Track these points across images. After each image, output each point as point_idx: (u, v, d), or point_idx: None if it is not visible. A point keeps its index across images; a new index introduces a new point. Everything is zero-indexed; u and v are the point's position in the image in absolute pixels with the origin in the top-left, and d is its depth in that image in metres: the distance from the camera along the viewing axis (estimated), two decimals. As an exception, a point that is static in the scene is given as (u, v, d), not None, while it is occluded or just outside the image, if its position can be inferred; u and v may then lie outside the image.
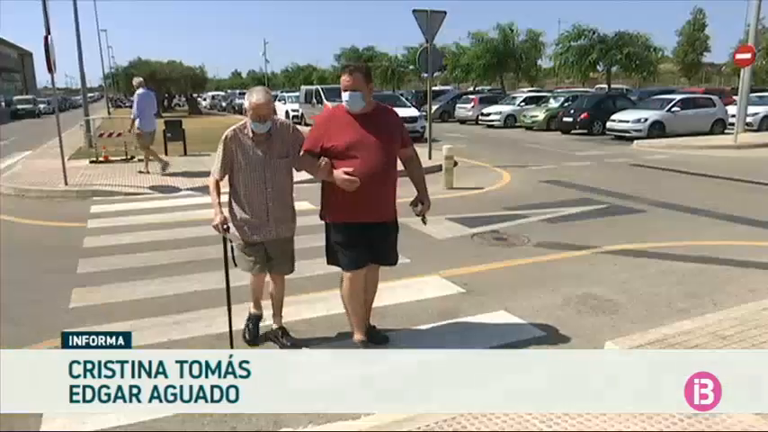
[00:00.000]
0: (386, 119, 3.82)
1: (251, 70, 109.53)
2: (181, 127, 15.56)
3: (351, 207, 3.68)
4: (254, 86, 3.98)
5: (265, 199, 3.85)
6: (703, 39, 55.90)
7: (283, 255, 4.07)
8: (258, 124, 3.73)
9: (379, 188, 3.69)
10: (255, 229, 3.90)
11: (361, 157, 3.61)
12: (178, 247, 6.82)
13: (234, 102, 48.53)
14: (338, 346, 4.11)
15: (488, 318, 4.61)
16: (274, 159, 3.82)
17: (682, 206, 8.85)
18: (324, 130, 3.74)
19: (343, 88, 3.63)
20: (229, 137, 3.82)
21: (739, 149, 16.74)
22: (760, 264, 5.96)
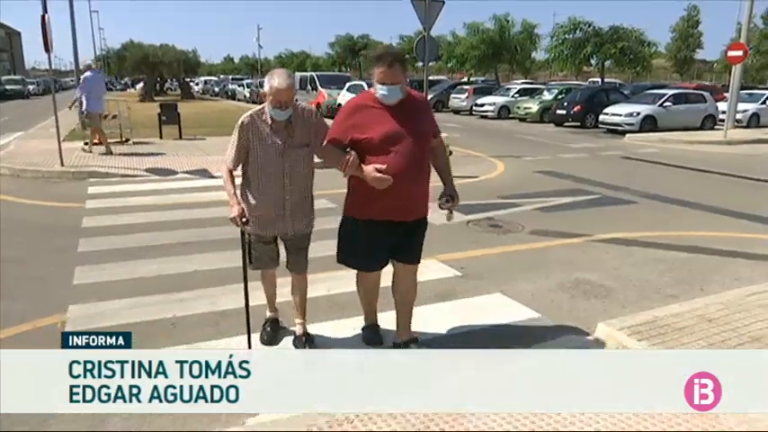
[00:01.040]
0: (418, 108, 3.50)
1: (244, 56, 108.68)
2: (176, 110, 15.53)
3: (382, 204, 3.38)
4: (275, 69, 3.60)
5: (282, 191, 3.53)
6: (696, 35, 56.14)
7: (300, 252, 3.79)
8: (278, 111, 3.40)
9: (413, 185, 3.41)
10: (271, 223, 3.61)
11: (396, 151, 3.30)
12: (176, 228, 6.90)
13: (227, 87, 48.31)
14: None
15: (485, 300, 4.76)
16: (294, 148, 3.50)
17: (672, 198, 9.04)
18: (353, 120, 3.39)
19: (380, 81, 3.30)
20: (245, 123, 3.48)
21: (729, 145, 16.99)
22: (746, 254, 6.14)
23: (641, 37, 36.34)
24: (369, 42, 61.80)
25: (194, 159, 11.92)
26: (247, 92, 40.63)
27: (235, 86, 46.07)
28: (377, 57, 3.35)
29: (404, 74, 3.35)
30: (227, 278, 5.12)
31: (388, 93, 3.32)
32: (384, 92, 3.32)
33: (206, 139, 15.66)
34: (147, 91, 38.53)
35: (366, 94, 3.49)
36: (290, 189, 3.54)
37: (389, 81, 3.29)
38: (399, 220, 3.48)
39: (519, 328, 4.25)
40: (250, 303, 3.66)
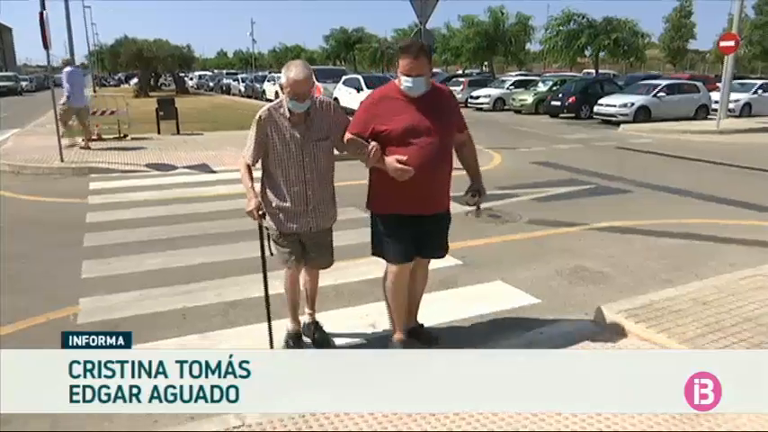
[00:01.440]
0: (442, 100, 3.44)
1: (237, 50, 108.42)
2: (173, 105, 15.56)
3: (403, 198, 3.34)
4: (292, 60, 3.52)
5: (304, 185, 3.44)
6: (689, 26, 56.28)
7: (322, 247, 3.68)
8: (296, 103, 3.31)
9: (435, 178, 3.36)
10: (293, 219, 3.51)
11: (418, 143, 3.25)
12: (179, 222, 6.99)
13: (222, 82, 48.17)
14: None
15: (486, 287, 4.89)
16: (314, 141, 3.42)
17: (666, 187, 9.18)
18: (375, 111, 3.35)
19: (405, 72, 3.24)
20: (263, 117, 3.42)
21: (722, 135, 17.14)
22: (740, 240, 6.29)
23: (635, 28, 36.51)
24: (363, 36, 61.80)
25: (193, 154, 11.98)
26: (242, 86, 40.55)
27: (230, 81, 45.95)
28: (402, 48, 3.32)
29: (429, 66, 3.31)
30: (233, 270, 5.25)
31: (413, 85, 3.26)
32: (409, 84, 3.26)
33: (203, 135, 15.72)
34: (142, 86, 38.41)
35: (390, 86, 3.45)
36: (311, 184, 3.46)
37: (415, 73, 3.23)
38: (418, 213, 3.41)
39: (520, 313, 4.38)
40: (260, 295, 3.71)
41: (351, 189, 4.78)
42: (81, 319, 4.28)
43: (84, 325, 4.17)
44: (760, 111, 22.66)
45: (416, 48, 3.27)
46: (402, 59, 3.25)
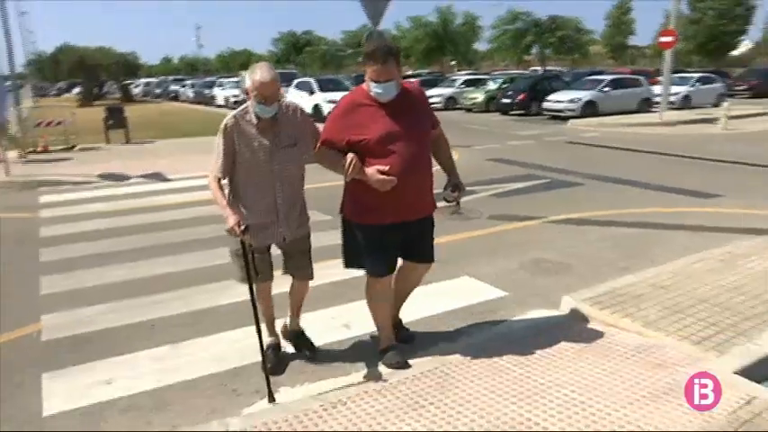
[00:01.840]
0: (414, 101, 3.33)
1: (183, 56, 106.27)
2: (122, 114, 15.19)
3: (387, 206, 3.22)
4: (257, 63, 3.33)
5: (274, 195, 3.29)
6: (629, 22, 58.26)
7: (303, 255, 3.54)
8: (264, 107, 3.15)
9: (418, 182, 3.26)
10: (263, 232, 3.34)
11: (397, 150, 3.13)
12: (139, 232, 6.85)
13: (169, 89, 47.13)
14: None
15: (454, 282, 4.99)
16: (283, 148, 3.26)
17: (616, 178, 9.53)
18: (347, 121, 3.20)
19: (374, 78, 3.11)
20: (229, 125, 3.20)
21: (665, 126, 17.88)
22: (687, 226, 6.61)
23: (578, 25, 37.63)
24: (312, 38, 61.54)
25: (146, 163, 11.74)
26: (191, 93, 39.81)
27: (177, 88, 45.02)
28: (368, 53, 3.15)
29: (398, 68, 3.18)
30: (198, 278, 5.21)
31: (384, 91, 3.14)
32: (379, 90, 3.14)
33: (155, 143, 15.42)
34: (86, 95, 37.26)
35: (359, 91, 3.30)
36: (281, 192, 3.30)
37: (384, 78, 3.10)
38: (406, 220, 3.31)
39: (489, 306, 4.49)
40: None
41: (309, 192, 4.79)
42: (45, 336, 4.16)
43: (50, 342, 4.07)
44: (698, 102, 23.78)
45: (383, 52, 3.12)
46: (369, 65, 3.12)
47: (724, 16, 45.45)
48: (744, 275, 4.61)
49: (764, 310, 3.95)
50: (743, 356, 3.36)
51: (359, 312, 4.21)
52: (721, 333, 3.64)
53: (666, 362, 3.37)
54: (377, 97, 3.18)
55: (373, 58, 3.11)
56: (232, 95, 30.70)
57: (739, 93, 31.54)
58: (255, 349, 3.79)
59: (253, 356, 3.72)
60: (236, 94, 30.29)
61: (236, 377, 3.56)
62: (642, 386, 3.12)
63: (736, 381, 3.11)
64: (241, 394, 3.38)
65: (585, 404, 2.97)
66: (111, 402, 3.30)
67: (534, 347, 3.61)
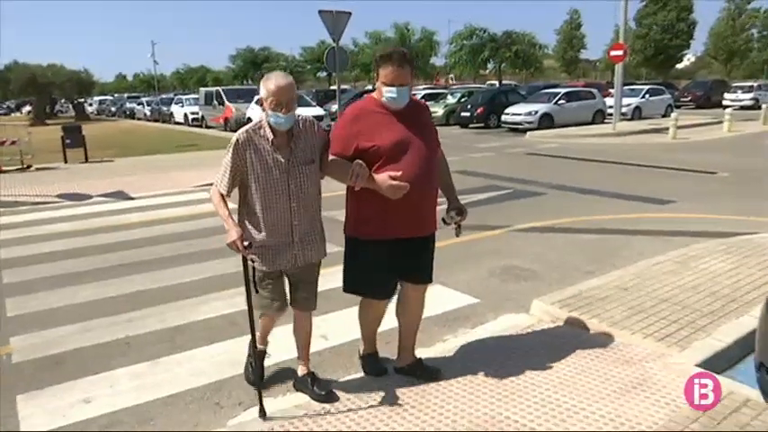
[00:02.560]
0: (422, 114, 3.26)
1: (138, 73, 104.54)
2: (80, 132, 14.89)
3: (398, 219, 3.07)
4: (271, 72, 3.11)
5: (290, 216, 3.06)
6: (580, 37, 60.34)
7: (310, 285, 3.29)
8: (280, 117, 2.92)
9: (425, 196, 3.13)
10: (277, 255, 3.11)
11: (406, 160, 3.01)
12: (104, 252, 6.74)
13: (125, 106, 46.29)
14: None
15: (428, 291, 5.08)
16: (299, 166, 3.04)
17: (575, 187, 9.87)
18: (356, 128, 3.05)
19: (389, 82, 2.98)
20: (242, 141, 2.99)
21: (618, 136, 18.58)
22: (644, 231, 6.92)
23: (533, 40, 38.70)
24: (270, 55, 61.40)
25: (107, 182, 11.53)
26: (148, 110, 39.19)
27: (133, 105, 44.25)
28: (384, 56, 3.02)
29: (412, 75, 3.09)
30: (171, 295, 5.19)
31: (398, 96, 3.01)
32: (393, 94, 3.00)
33: (114, 161, 15.16)
34: (38, 114, 36.23)
35: (368, 99, 3.18)
36: (297, 213, 3.07)
37: (398, 82, 2.98)
38: (412, 235, 3.18)
39: (462, 312, 4.62)
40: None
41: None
42: (16, 358, 4.08)
43: (22, 364, 3.99)
44: (649, 113, 24.79)
45: (399, 55, 3.00)
46: (384, 68, 2.99)
47: (668, 31, 47.51)
48: (699, 275, 4.87)
49: (720, 307, 4.20)
50: (703, 350, 3.58)
51: (335, 323, 4.30)
52: (682, 330, 3.86)
53: (633, 358, 3.55)
54: (389, 103, 3.05)
55: (390, 61, 2.98)
56: (191, 112, 30.40)
57: (685, 104, 33.08)
58: (233, 363, 3.86)
59: (232, 370, 3.76)
60: (195, 110, 30.02)
61: (217, 391, 3.57)
62: (612, 382, 3.29)
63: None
64: (224, 407, 3.39)
65: (560, 401, 3.11)
66: (91, 420, 3.27)
67: (508, 350, 3.76)
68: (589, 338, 3.86)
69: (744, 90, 32.48)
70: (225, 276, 5.46)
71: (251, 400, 3.42)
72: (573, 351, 3.70)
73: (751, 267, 5.05)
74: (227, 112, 24.96)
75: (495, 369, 3.50)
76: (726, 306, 4.22)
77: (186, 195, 10.03)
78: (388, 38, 43.76)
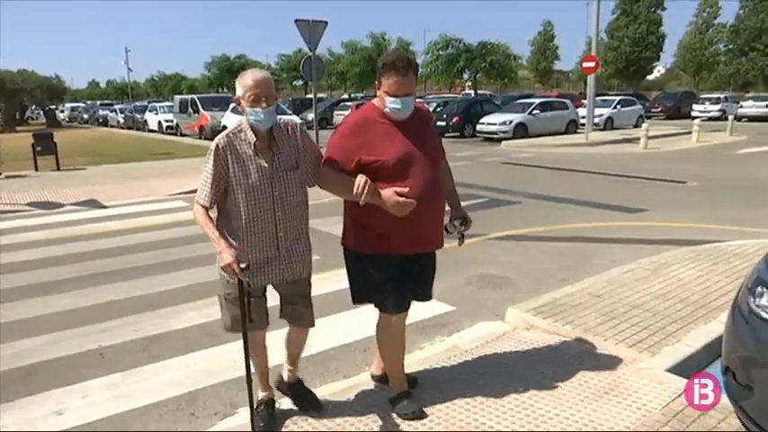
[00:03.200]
0: (425, 122, 3.08)
1: (111, 80, 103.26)
2: (52, 139, 14.64)
3: (399, 235, 2.90)
4: (248, 70, 2.87)
5: (274, 227, 2.83)
6: (553, 48, 61.39)
7: (303, 300, 3.06)
8: (260, 112, 2.71)
9: (432, 211, 2.97)
10: (262, 269, 2.86)
11: (412, 175, 2.83)
12: (78, 260, 6.65)
13: (97, 114, 45.63)
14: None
15: (404, 299, 5.13)
16: (283, 172, 2.82)
17: (549, 196, 10.03)
18: (358, 140, 2.86)
19: (393, 92, 2.80)
20: (222, 145, 2.75)
21: (591, 146, 18.92)
22: (616, 239, 7.06)
23: (507, 51, 39.25)
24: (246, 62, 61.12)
25: (79, 190, 11.37)
26: (121, 118, 38.71)
27: (106, 112, 43.66)
28: (387, 63, 2.82)
29: (415, 83, 2.90)
30: (146, 305, 5.14)
31: (402, 107, 2.84)
32: (397, 105, 2.83)
33: (87, 169, 14.95)
34: (8, 121, 35.50)
35: (369, 108, 2.99)
36: (283, 223, 2.84)
37: (403, 92, 2.81)
38: (419, 252, 3.02)
39: (439, 320, 4.66)
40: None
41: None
42: (-11, 369, 4.00)
43: (-7, 375, 3.92)
44: (620, 124, 25.31)
45: (404, 62, 2.81)
46: (388, 77, 2.80)
47: (638, 44, 48.65)
48: (669, 282, 5.00)
49: (689, 313, 4.32)
50: (673, 356, 3.67)
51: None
52: (653, 336, 3.96)
53: (606, 364, 3.62)
54: (393, 114, 2.87)
55: (394, 69, 2.80)
56: (165, 120, 30.12)
57: (655, 114, 33.86)
58: (209, 373, 3.85)
59: (207, 380, 3.76)
60: (169, 118, 29.74)
61: (193, 401, 3.55)
62: (585, 387, 3.35)
63: (669, 377, 3.41)
64: (199, 417, 3.38)
65: (534, 407, 3.17)
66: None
67: (483, 357, 3.81)
68: (563, 345, 3.93)
69: (711, 102, 33.41)
70: (200, 285, 5.43)
71: (227, 410, 3.42)
72: (547, 358, 3.77)
73: (719, 274, 5.20)
74: (202, 120, 24.79)
75: (471, 376, 3.55)
76: (695, 312, 4.34)
77: (160, 204, 9.95)
78: (365, 47, 43.98)
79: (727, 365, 2.79)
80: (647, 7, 48.43)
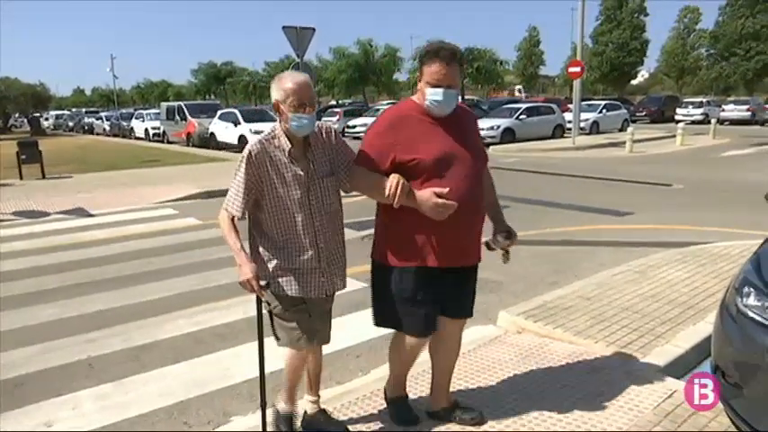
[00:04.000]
0: (468, 121, 2.83)
1: (96, 87, 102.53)
2: (37, 147, 14.50)
3: (434, 246, 2.66)
4: (281, 73, 2.71)
5: (314, 236, 2.66)
6: (539, 53, 61.81)
7: (325, 315, 2.87)
8: (302, 118, 2.54)
9: (475, 220, 2.76)
10: (302, 282, 2.67)
11: (452, 176, 2.59)
12: (64, 270, 6.58)
13: (83, 121, 45.29)
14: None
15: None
16: (318, 179, 2.66)
17: (537, 200, 10.10)
18: (393, 138, 2.63)
19: (435, 82, 2.56)
20: (255, 153, 2.57)
21: (577, 150, 19.07)
22: (605, 242, 7.12)
23: (494, 56, 39.52)
24: (233, 69, 61.07)
25: (65, 199, 11.25)
26: (107, 125, 38.48)
27: (92, 120, 43.36)
28: (431, 50, 2.58)
29: (461, 76, 2.69)
30: (134, 314, 5.11)
31: (444, 99, 2.58)
32: (438, 98, 2.58)
33: (73, 177, 14.80)
34: (-9, 129, 35.15)
35: (407, 104, 2.76)
36: (322, 233, 2.68)
37: (446, 83, 2.56)
38: (455, 264, 2.76)
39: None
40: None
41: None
42: (-25, 382, 3.94)
43: (-21, 387, 3.86)
44: (606, 128, 25.57)
45: (448, 51, 2.56)
46: (430, 65, 2.57)
47: (622, 49, 49.23)
48: (658, 284, 5.05)
49: (678, 314, 4.36)
50: (663, 357, 3.71)
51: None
52: (643, 337, 3.99)
53: (597, 366, 3.65)
54: (433, 108, 2.63)
55: (438, 57, 2.55)
56: (152, 127, 29.98)
57: (640, 118, 34.26)
58: (200, 382, 3.83)
59: (199, 389, 3.73)
60: (156, 126, 29.61)
61: (185, 410, 3.52)
62: (577, 390, 3.37)
63: (660, 378, 3.43)
64: (192, 426, 3.36)
65: (527, 410, 3.17)
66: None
67: (475, 361, 3.82)
68: (554, 348, 3.95)
69: (694, 105, 33.89)
70: (189, 294, 5.41)
71: (220, 419, 3.39)
72: (539, 361, 3.78)
73: (706, 275, 5.25)
74: (189, 128, 24.70)
75: (463, 380, 3.55)
76: (683, 313, 4.38)
77: (148, 212, 9.88)
78: (352, 53, 44.07)
79: (717, 365, 2.82)
80: (631, 13, 49.08)
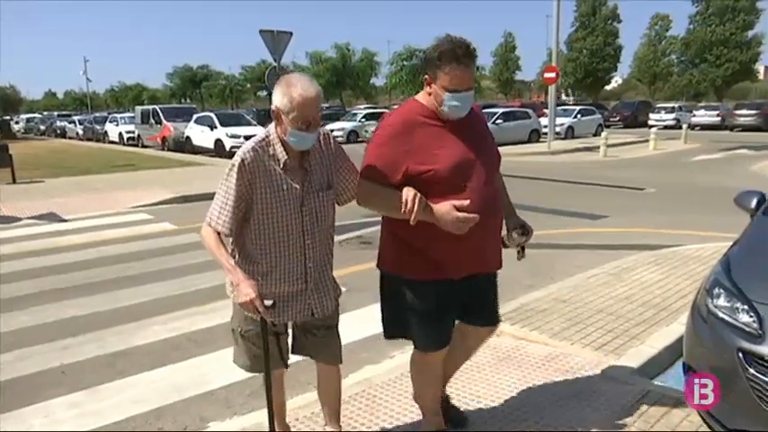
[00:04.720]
0: (481, 124, 2.63)
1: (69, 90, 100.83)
2: (7, 151, 14.20)
3: (454, 256, 2.47)
4: (288, 74, 2.37)
5: (303, 255, 2.44)
6: (514, 59, 62.48)
7: (330, 331, 2.65)
8: (303, 135, 2.29)
9: (495, 227, 2.62)
10: (286, 304, 2.47)
11: (474, 185, 2.40)
12: (37, 276, 6.45)
13: (55, 125, 44.48)
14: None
15: (373, 308, 5.05)
16: (314, 193, 2.43)
17: (514, 204, 10.14)
18: (405, 146, 2.39)
19: (452, 86, 2.33)
20: (248, 161, 2.31)
21: (553, 155, 19.34)
22: (580, 245, 7.23)
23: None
24: (209, 73, 60.59)
25: (37, 204, 11.03)
26: (80, 129, 37.85)
27: (64, 124, 42.61)
28: (446, 51, 2.31)
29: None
30: (110, 319, 5.03)
31: (461, 104, 2.38)
32: (455, 102, 2.36)
33: (45, 182, 14.53)
34: (-42, 133, 34.33)
35: (414, 107, 2.50)
36: (312, 252, 2.45)
37: (464, 86, 2.35)
38: (477, 272, 2.59)
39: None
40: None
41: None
42: (-55, 391, 3.85)
43: (-52, 397, 3.77)
44: (581, 132, 25.95)
45: (465, 49, 2.32)
46: (448, 70, 2.32)
47: (596, 55, 50.06)
48: (632, 286, 5.14)
49: (651, 316, 4.45)
50: (637, 357, 3.78)
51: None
52: (617, 338, 4.06)
53: (573, 368, 3.70)
54: (450, 112, 2.40)
55: (455, 59, 2.31)
56: (126, 131, 29.59)
57: (614, 123, 34.86)
58: (176, 388, 3.79)
59: (175, 395, 3.69)
60: (130, 129, 29.23)
61: (160, 417, 3.48)
62: (553, 391, 3.41)
63: (634, 379, 3.50)
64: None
65: (505, 412, 3.21)
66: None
67: (454, 363, 3.83)
68: (531, 350, 4.00)
69: (667, 111, 34.62)
70: (165, 299, 5.35)
71: (197, 425, 3.36)
72: (515, 363, 3.82)
73: (678, 277, 5.37)
74: (164, 131, 24.44)
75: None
76: (657, 315, 4.47)
77: (123, 217, 9.74)
78: (330, 57, 44.08)
79: (689, 364, 2.88)
80: (604, 19, 49.90)
